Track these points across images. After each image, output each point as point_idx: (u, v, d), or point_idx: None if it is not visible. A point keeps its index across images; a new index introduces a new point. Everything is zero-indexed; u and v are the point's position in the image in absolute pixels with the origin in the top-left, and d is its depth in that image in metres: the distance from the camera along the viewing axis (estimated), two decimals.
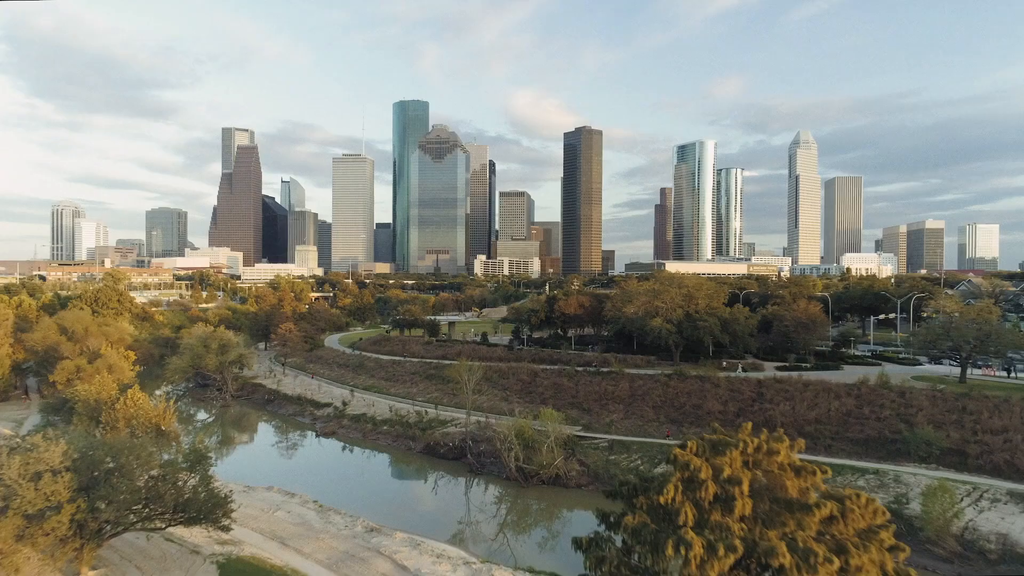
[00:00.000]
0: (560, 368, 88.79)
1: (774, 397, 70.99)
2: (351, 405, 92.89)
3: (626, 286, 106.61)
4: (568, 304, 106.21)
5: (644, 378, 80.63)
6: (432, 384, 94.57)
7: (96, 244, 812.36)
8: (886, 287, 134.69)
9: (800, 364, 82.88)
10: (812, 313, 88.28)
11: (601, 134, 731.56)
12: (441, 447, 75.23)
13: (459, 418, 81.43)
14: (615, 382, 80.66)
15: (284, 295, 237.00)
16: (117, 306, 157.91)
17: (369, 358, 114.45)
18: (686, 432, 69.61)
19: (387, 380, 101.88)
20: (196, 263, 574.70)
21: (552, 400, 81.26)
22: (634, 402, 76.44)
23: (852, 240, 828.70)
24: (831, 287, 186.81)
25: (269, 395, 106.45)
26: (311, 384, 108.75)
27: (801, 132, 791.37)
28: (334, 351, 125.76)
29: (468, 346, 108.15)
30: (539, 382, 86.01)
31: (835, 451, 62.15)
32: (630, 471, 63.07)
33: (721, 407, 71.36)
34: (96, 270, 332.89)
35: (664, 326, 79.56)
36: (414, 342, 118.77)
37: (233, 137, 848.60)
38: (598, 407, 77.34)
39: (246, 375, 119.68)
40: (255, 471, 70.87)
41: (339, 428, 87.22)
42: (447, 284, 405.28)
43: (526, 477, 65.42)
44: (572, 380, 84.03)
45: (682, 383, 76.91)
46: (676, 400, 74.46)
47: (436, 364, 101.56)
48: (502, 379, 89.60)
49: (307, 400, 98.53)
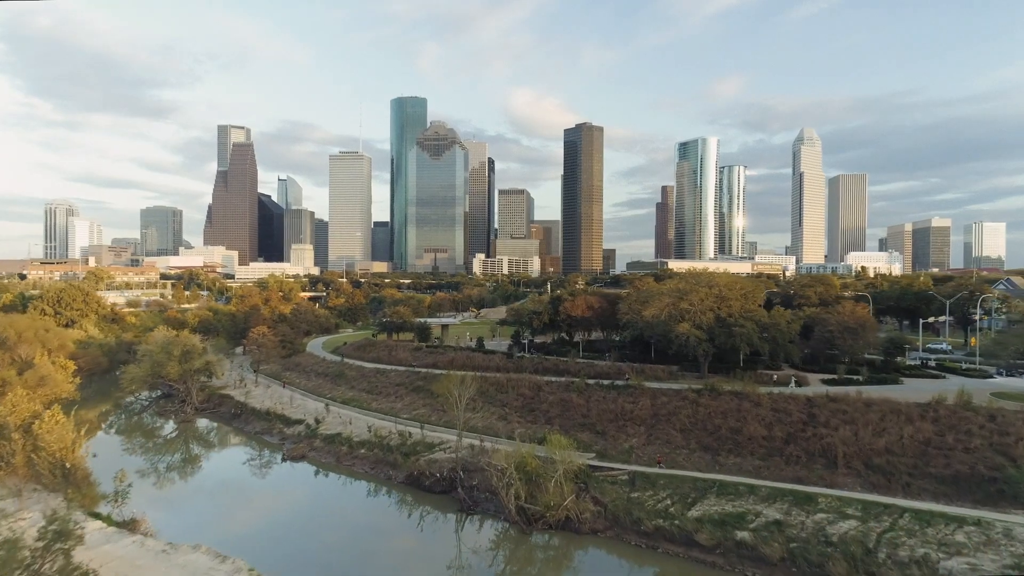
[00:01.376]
0: (567, 380, 76.25)
1: (829, 419, 58.46)
2: (325, 423, 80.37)
3: (641, 285, 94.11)
4: (575, 305, 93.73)
5: (668, 394, 68.08)
6: (419, 398, 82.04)
7: (90, 243, 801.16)
8: (927, 286, 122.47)
9: (851, 377, 70.45)
10: (860, 316, 75.84)
11: (602, 131, 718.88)
12: (427, 478, 62.75)
13: (449, 441, 69.00)
14: (634, 399, 68.13)
15: (271, 295, 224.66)
16: (82, 307, 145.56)
17: (351, 366, 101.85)
18: (724, 462, 57.23)
19: (368, 392, 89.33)
20: (190, 262, 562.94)
21: (559, 420, 68.77)
22: (657, 424, 63.90)
23: (856, 239, 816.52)
24: (850, 287, 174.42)
25: (236, 408, 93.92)
26: (284, 396, 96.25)
27: (805, 129, 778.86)
28: (314, 358, 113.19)
29: (461, 353, 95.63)
30: (543, 397, 73.47)
31: (915, 491, 49.68)
32: (658, 514, 50.75)
33: (765, 431, 58.86)
34: (80, 269, 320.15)
35: (693, 332, 67.07)
36: (402, 348, 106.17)
37: (229, 135, 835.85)
38: (614, 429, 64.82)
39: (215, 384, 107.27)
40: (192, 515, 58.46)
41: (310, 450, 74.73)
42: (444, 284, 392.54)
43: (529, 520, 52.99)
44: (582, 395, 71.49)
45: (715, 401, 64.38)
46: (709, 422, 61.92)
47: (425, 374, 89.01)
48: (500, 393, 77.06)
49: (277, 416, 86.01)
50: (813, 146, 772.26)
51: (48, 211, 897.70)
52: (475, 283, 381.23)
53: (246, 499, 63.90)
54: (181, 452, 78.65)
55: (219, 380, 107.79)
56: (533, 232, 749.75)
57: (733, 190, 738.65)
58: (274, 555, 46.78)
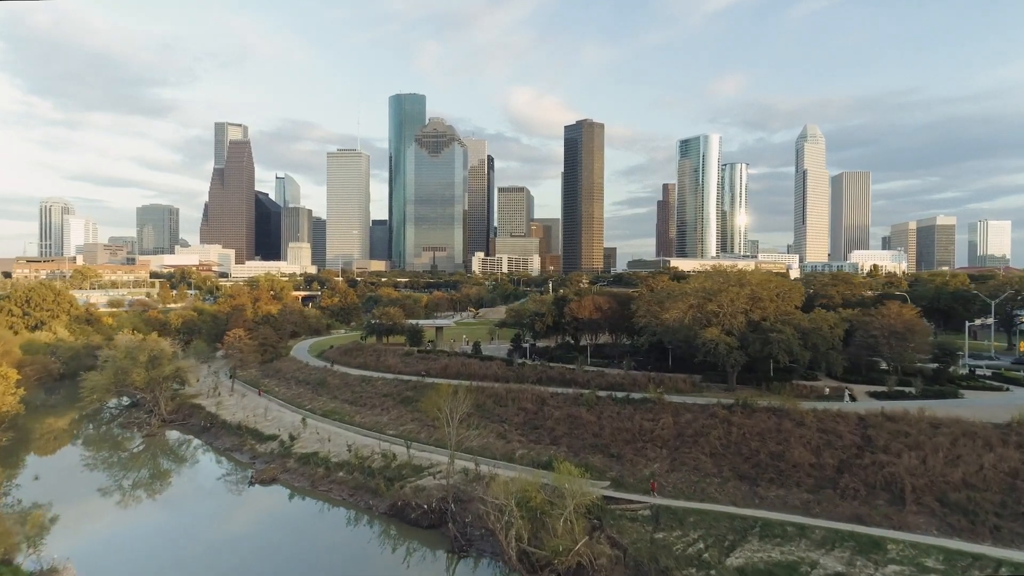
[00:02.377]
0: (575, 392, 67.02)
1: (889, 443, 49.31)
2: (301, 439, 71.17)
3: (655, 284, 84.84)
4: (582, 306, 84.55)
5: (693, 409, 58.90)
6: (407, 411, 72.80)
7: (85, 241, 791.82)
8: (965, 285, 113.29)
9: (902, 389, 61.36)
10: (908, 319, 66.65)
11: (603, 127, 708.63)
12: (413, 509, 53.61)
13: (439, 463, 59.93)
14: (653, 415, 58.94)
15: (260, 294, 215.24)
16: (53, 308, 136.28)
17: (334, 373, 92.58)
18: (764, 495, 48.06)
19: (352, 404, 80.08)
20: (185, 261, 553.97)
21: (566, 439, 59.60)
22: (682, 446, 54.71)
23: (860, 237, 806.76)
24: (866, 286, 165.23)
25: (206, 421, 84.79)
26: (260, 406, 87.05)
27: (808, 126, 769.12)
28: (296, 363, 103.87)
29: (456, 359, 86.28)
30: (548, 412, 64.24)
31: (1006, 536, 40.54)
32: (690, 560, 41.67)
33: (813, 457, 49.69)
34: (67, 267, 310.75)
35: (723, 339, 57.89)
36: (391, 353, 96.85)
37: (226, 132, 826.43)
38: (632, 452, 55.62)
39: (187, 392, 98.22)
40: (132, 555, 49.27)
41: (282, 472, 65.59)
42: (443, 282, 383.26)
43: (534, 567, 43.89)
44: (593, 411, 62.28)
45: (749, 419, 55.20)
46: (744, 444, 52.74)
47: (414, 383, 79.75)
48: (498, 407, 67.86)
49: (249, 430, 76.82)
50: (817, 143, 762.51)
51: (43, 209, 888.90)
52: (474, 282, 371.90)
53: (202, 533, 54.71)
54: (135, 474, 69.36)
55: (191, 388, 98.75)
56: (533, 230, 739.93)
57: (735, 188, 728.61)
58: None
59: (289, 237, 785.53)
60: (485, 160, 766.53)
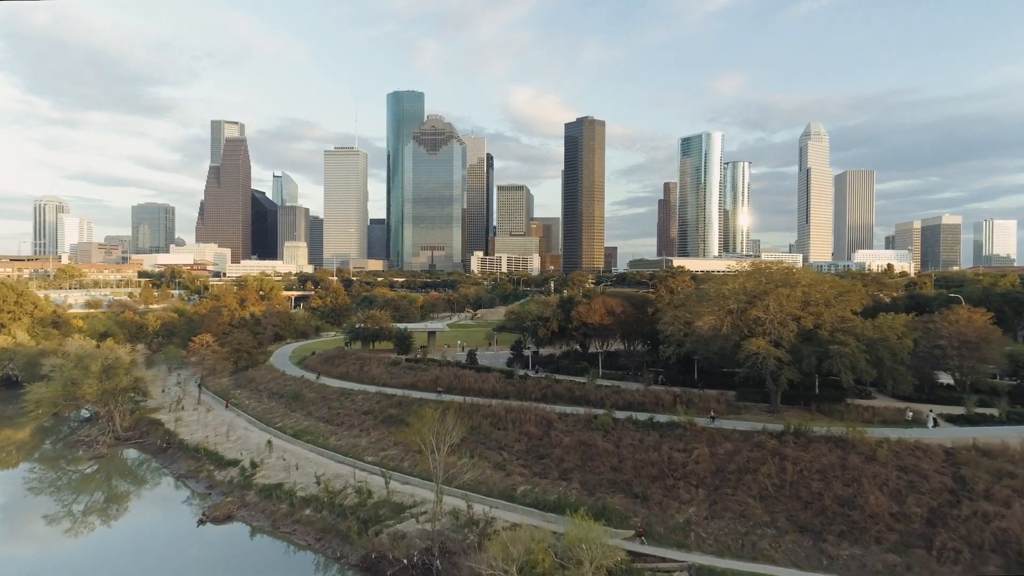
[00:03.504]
0: (588, 413, 56.48)
1: (991, 487, 38.96)
2: (265, 466, 60.74)
3: (674, 284, 74.21)
4: (592, 310, 74.09)
5: (733, 437, 48.47)
6: (390, 433, 62.26)
7: (79, 240, 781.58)
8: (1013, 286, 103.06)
9: (983, 412, 51.05)
10: (980, 327, 56.44)
11: (604, 125, 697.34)
12: (390, 564, 43.20)
13: (424, 500, 49.56)
14: (685, 444, 48.50)
15: (247, 294, 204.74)
16: (14, 309, 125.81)
17: (311, 385, 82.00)
18: (834, 554, 37.63)
19: (328, 423, 69.52)
20: (180, 260, 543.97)
21: (578, 473, 49.15)
22: (723, 485, 44.28)
23: (864, 236, 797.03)
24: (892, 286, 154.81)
25: (163, 440, 74.31)
26: (225, 423, 76.52)
27: (812, 123, 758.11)
28: (272, 372, 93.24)
29: (449, 370, 75.62)
30: (555, 438, 53.73)
31: None
32: None
33: (894, 505, 39.28)
34: (51, 266, 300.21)
35: (771, 352, 47.57)
36: (376, 361, 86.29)
37: (223, 130, 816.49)
38: (660, 492, 45.17)
39: (148, 406, 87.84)
40: None
41: (239, 508, 55.16)
42: (440, 282, 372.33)
43: None
44: (610, 437, 51.82)
45: (805, 451, 44.77)
46: (803, 485, 42.30)
47: (400, 399, 69.13)
48: (497, 430, 57.40)
49: (208, 453, 66.35)
50: (820, 141, 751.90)
51: (37, 208, 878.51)
52: (472, 281, 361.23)
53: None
54: (67, 506, 58.86)
55: (153, 400, 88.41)
56: (533, 229, 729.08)
57: (738, 187, 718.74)
58: None
59: (286, 236, 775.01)
60: (484, 158, 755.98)
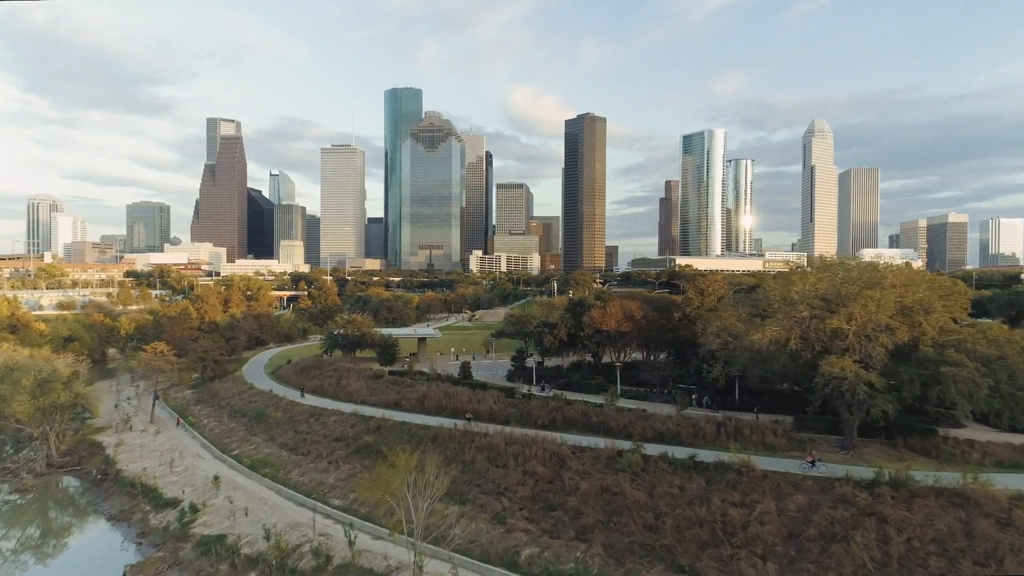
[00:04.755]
0: (610, 447, 44.83)
1: None
2: (209, 508, 49.15)
3: (706, 285, 62.39)
4: (607, 315, 62.63)
5: (806, 486, 36.89)
6: (363, 466, 50.65)
7: (73, 239, 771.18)
8: None
9: None
10: None
11: (605, 121, 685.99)
12: None
13: (401, 565, 38.09)
14: (742, 495, 36.94)
15: (232, 294, 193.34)
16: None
17: (279, 402, 70.28)
18: None
19: (291, 450, 57.83)
20: (173, 259, 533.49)
21: (601, 532, 37.58)
22: (802, 558, 32.68)
23: (868, 235, 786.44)
24: None
25: (101, 469, 62.76)
26: (173, 448, 64.85)
27: (816, 120, 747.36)
28: (239, 385, 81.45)
29: (438, 387, 63.75)
30: (570, 482, 42.12)
31: None
32: None
33: None
34: (32, 265, 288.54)
35: (862, 375, 35.99)
36: (357, 374, 74.50)
37: (219, 128, 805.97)
38: (713, 564, 33.57)
39: (94, 424, 76.32)
40: None
41: (170, 566, 43.64)
42: (437, 282, 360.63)
43: None
44: (640, 482, 40.22)
45: (908, 508, 33.25)
46: (916, 562, 30.74)
47: (379, 422, 57.45)
48: (494, 466, 45.80)
49: (146, 488, 54.74)
50: (824, 138, 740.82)
51: (31, 206, 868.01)
52: (470, 281, 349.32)
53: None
54: None
55: (100, 419, 76.89)
56: (533, 228, 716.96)
57: (740, 185, 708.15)
58: None
59: (282, 235, 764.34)
60: (483, 156, 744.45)
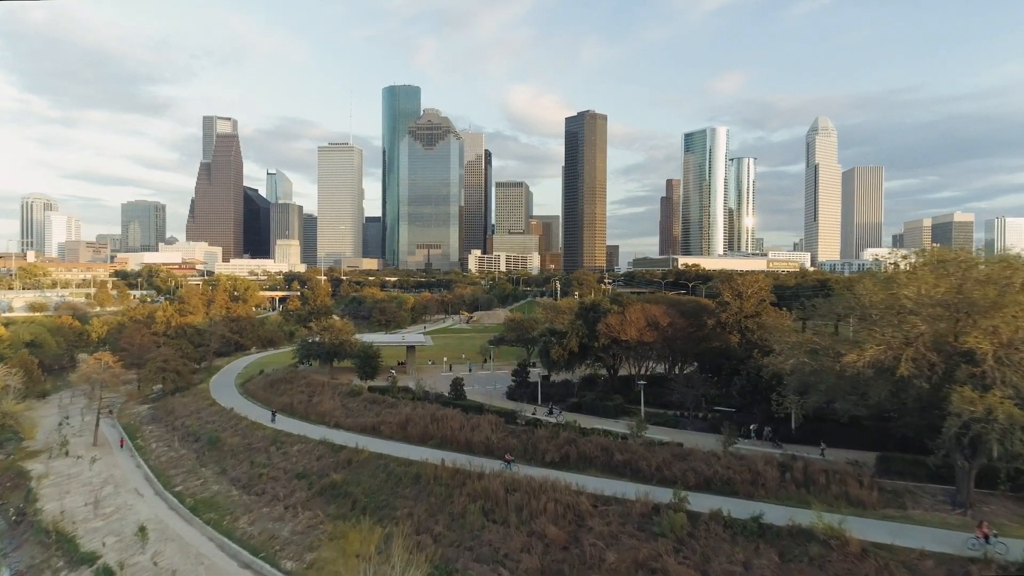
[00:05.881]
0: (642, 500, 34.23)
1: None
2: (130, 569, 38.76)
3: (743, 285, 51.72)
4: (627, 322, 52.41)
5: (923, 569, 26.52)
6: (326, 515, 40.14)
7: (67, 238, 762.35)
8: None
9: None
10: None
11: (605, 119, 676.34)
12: None
13: None
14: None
15: (217, 295, 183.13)
16: None
17: (239, 424, 59.77)
18: None
19: (244, 488, 47.29)
20: (167, 258, 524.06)
21: None
22: None
23: (872, 234, 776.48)
24: None
25: (20, 508, 52.27)
26: (109, 479, 54.42)
27: (820, 119, 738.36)
28: (200, 400, 70.91)
29: (425, 408, 53.23)
30: (591, 550, 31.53)
31: None
32: None
33: None
34: (12, 264, 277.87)
35: (1018, 417, 25.64)
36: (332, 390, 64.01)
37: (215, 126, 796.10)
38: None
39: (28, 448, 65.85)
40: None
41: None
42: (435, 282, 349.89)
43: None
44: (689, 554, 29.66)
45: None
46: None
47: (351, 454, 46.97)
48: (491, 522, 35.34)
49: (63, 536, 44.32)
50: (828, 136, 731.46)
51: (24, 205, 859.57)
52: (468, 281, 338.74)
53: None
54: None
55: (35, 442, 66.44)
56: (532, 227, 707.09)
57: (742, 184, 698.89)
58: None
59: (279, 234, 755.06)
60: (482, 155, 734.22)
